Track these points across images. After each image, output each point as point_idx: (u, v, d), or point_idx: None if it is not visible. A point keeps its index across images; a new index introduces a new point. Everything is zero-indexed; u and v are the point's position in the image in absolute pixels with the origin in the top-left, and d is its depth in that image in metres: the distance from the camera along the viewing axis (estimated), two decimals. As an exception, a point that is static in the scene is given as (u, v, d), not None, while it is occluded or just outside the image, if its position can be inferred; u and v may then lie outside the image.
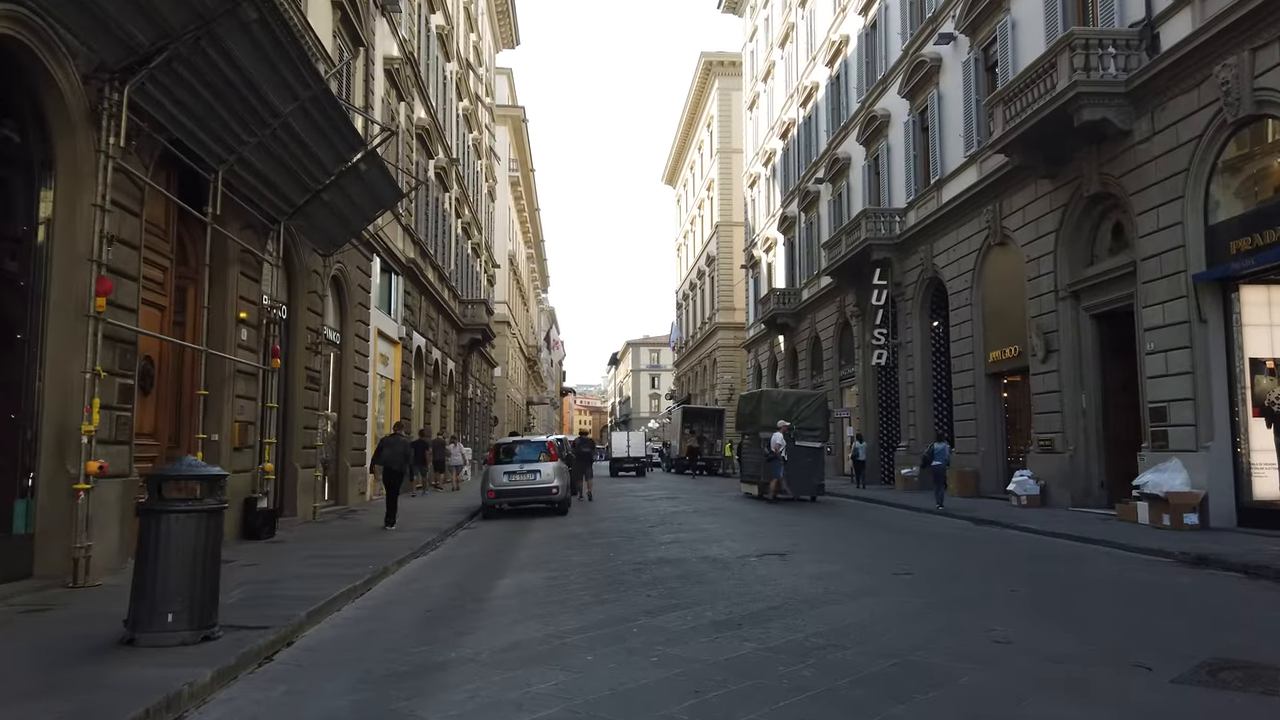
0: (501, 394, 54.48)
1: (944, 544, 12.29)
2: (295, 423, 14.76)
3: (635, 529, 14.05)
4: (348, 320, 18.12)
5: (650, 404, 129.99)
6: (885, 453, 28.47)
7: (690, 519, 15.85)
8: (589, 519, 16.59)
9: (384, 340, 21.66)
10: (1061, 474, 17.31)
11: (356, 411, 18.68)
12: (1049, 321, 17.73)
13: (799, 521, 15.69)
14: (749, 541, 12.01)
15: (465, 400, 36.18)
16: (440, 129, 29.08)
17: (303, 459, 14.91)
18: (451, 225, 32.18)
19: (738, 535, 12.91)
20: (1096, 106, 15.09)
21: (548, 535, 13.83)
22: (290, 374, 14.79)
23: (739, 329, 53.65)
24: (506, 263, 55.77)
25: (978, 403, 21.14)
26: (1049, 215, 17.77)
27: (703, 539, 12.25)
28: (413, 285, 24.66)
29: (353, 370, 18.34)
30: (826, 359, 33.52)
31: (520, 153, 62.46)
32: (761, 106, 45.33)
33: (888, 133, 27.03)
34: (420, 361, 26.50)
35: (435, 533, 13.46)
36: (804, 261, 36.63)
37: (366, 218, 15.36)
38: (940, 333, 24.89)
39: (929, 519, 16.66)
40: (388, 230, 21.45)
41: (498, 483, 17.08)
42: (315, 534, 13.21)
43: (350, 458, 18.37)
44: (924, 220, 23.84)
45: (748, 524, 15.00)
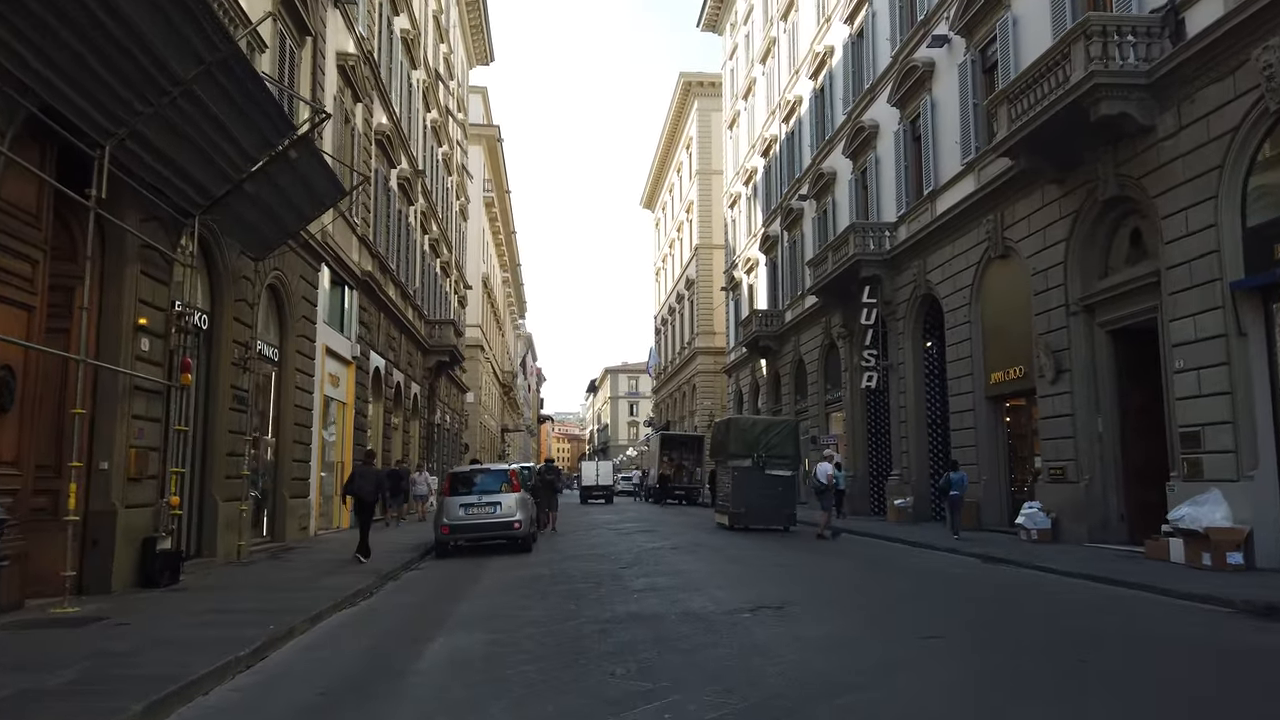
0: (474, 421, 52.49)
1: (963, 590, 10.63)
2: (216, 449, 12.91)
3: (605, 570, 12.27)
4: (288, 335, 16.32)
5: (629, 431, 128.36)
6: (875, 482, 26.85)
7: (668, 557, 14.09)
8: (555, 557, 14.80)
9: (334, 359, 19.84)
10: (1075, 506, 15.73)
11: (299, 437, 16.82)
12: (1059, 339, 16.24)
13: (791, 561, 13.98)
14: (737, 588, 10.28)
15: (432, 426, 34.27)
16: (405, 138, 27.46)
17: (225, 490, 13.06)
18: (417, 240, 30.47)
19: (723, 580, 11.17)
20: (1115, 100, 13.68)
21: (504, 579, 12.03)
22: (212, 393, 12.97)
23: (719, 353, 52.15)
24: (480, 285, 54.05)
25: (978, 428, 19.59)
26: (1058, 223, 16.34)
27: (683, 584, 10.49)
28: (370, 301, 22.89)
29: (294, 391, 16.51)
30: (811, 383, 31.97)
31: (495, 173, 60.96)
32: (742, 125, 44.15)
33: (876, 144, 25.69)
34: (379, 384, 24.66)
35: (373, 576, 11.62)
36: (787, 282, 35.19)
37: (304, 217, 13.64)
38: (934, 354, 23.42)
39: (932, 556, 15.00)
40: (340, 239, 19.72)
41: (453, 516, 15.26)
42: (231, 579, 11.35)
43: (291, 488, 16.49)
44: (916, 234, 22.42)
45: (733, 564, 13.27)
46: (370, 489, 14.10)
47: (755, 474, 20.78)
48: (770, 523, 20.83)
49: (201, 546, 12.73)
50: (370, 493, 14.08)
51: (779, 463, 20.94)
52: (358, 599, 10.18)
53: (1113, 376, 15.55)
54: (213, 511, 12.79)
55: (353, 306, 21.45)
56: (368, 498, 14.02)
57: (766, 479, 20.65)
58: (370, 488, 14.11)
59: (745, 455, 21.17)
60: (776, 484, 20.70)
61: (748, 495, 20.73)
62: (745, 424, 22.82)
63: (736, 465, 21.20)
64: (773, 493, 20.59)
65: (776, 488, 20.66)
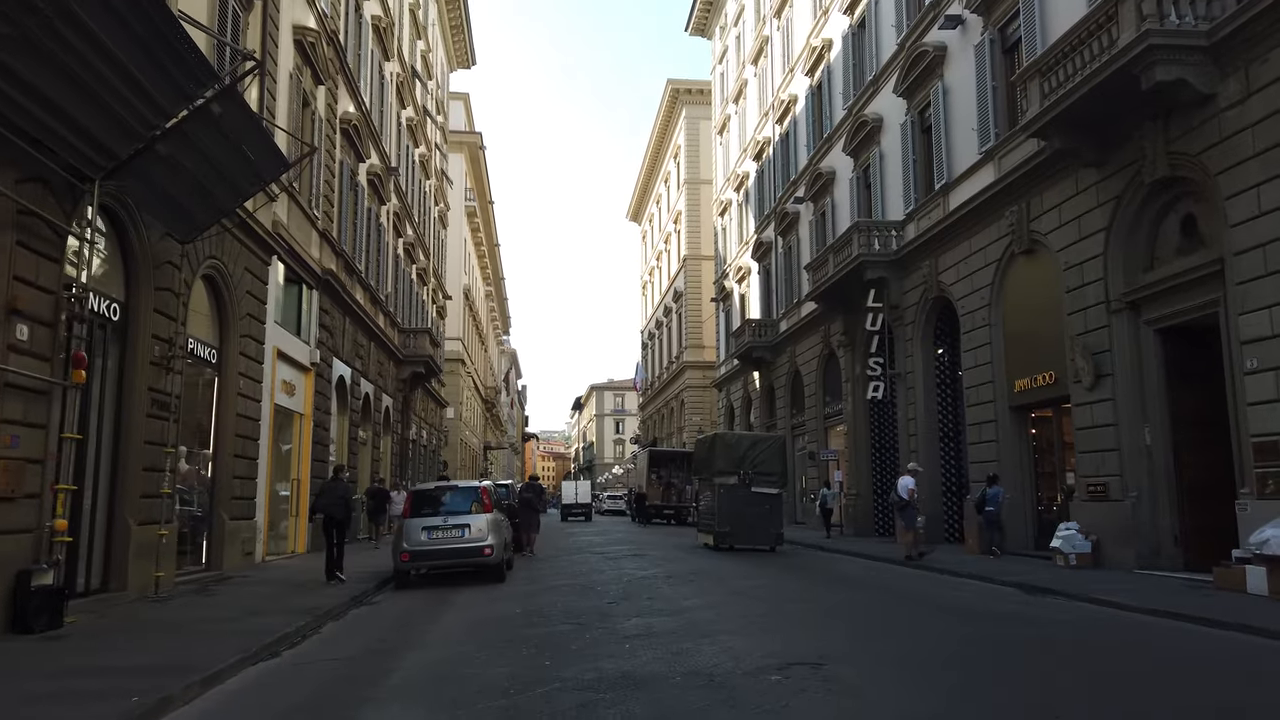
0: (454, 437, 50.36)
1: (1027, 631, 8.77)
2: (130, 463, 10.93)
3: (590, 608, 10.32)
4: (230, 334, 14.36)
5: (614, 449, 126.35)
6: (881, 501, 24.99)
7: (663, 589, 12.15)
8: (532, 588, 12.83)
9: (289, 365, 17.86)
10: (1120, 527, 13.93)
11: (242, 450, 14.83)
12: (1098, 340, 14.49)
13: (807, 594, 12.07)
14: (755, 633, 8.36)
15: (406, 442, 32.22)
16: (375, 132, 25.60)
17: (141, 512, 11.06)
18: (390, 243, 28.54)
19: (735, 620, 9.25)
20: (1171, 64, 12.00)
21: (468, 618, 10.06)
22: (125, 396, 11.00)
23: (709, 367, 50.35)
24: (461, 296, 52.07)
25: (1001, 441, 17.79)
26: (1096, 211, 14.63)
27: (686, 628, 8.55)
28: (333, 304, 20.94)
29: (236, 398, 14.53)
30: (809, 395, 30.16)
31: (478, 183, 59.14)
32: (733, 129, 42.58)
33: (880, 139, 24.04)
34: (344, 394, 22.66)
35: (308, 616, 9.64)
36: (782, 290, 33.45)
37: (240, 193, 11.73)
38: (946, 361, 21.68)
39: (964, 585, 13.13)
40: (297, 232, 17.79)
41: (414, 541, 13.25)
42: (133, 621, 9.35)
43: (231, 509, 14.47)
44: (927, 232, 20.71)
45: (742, 598, 11.35)
46: (339, 506, 13.49)
47: (741, 492, 20.09)
48: (756, 542, 20.10)
49: (109, 579, 10.73)
50: (340, 510, 13.46)
51: (766, 480, 20.33)
52: (281, 647, 8.21)
53: (1162, 380, 13.79)
54: (124, 537, 10.79)
55: (312, 308, 19.49)
56: (337, 515, 13.37)
57: (753, 497, 20.02)
58: (339, 504, 13.49)
59: (731, 472, 20.47)
60: (763, 502, 20.08)
61: (733, 514, 20.03)
62: (731, 440, 22.08)
63: (722, 483, 20.45)
64: (759, 511, 19.95)
65: (763, 506, 20.04)
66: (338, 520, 13.39)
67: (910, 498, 16.83)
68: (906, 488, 17.01)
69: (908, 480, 17.19)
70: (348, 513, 14.07)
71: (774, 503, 20.50)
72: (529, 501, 19.77)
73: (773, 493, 20.49)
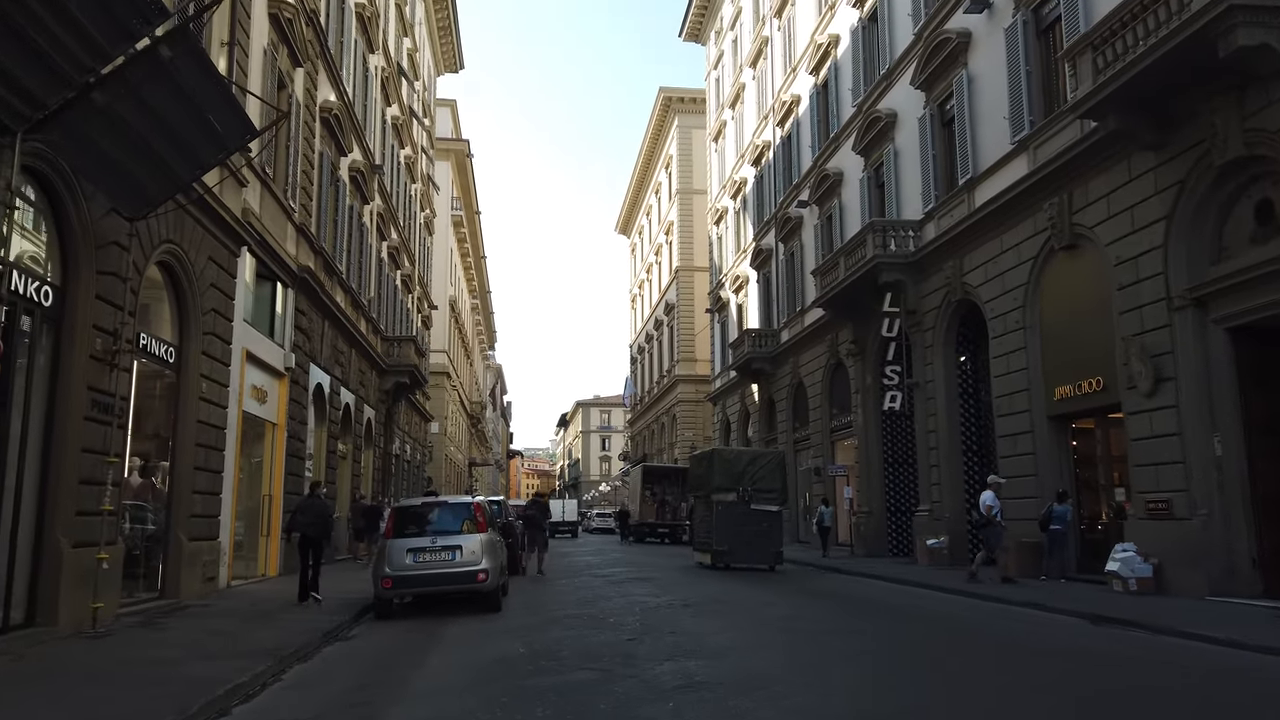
0: (439, 453, 48.56)
1: (1139, 678, 7.29)
2: (63, 474, 9.30)
3: (607, 644, 8.74)
4: (191, 331, 12.75)
5: (600, 466, 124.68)
6: (895, 519, 23.56)
7: (686, 621, 10.58)
8: (533, 620, 11.22)
9: (260, 369, 16.24)
10: (1187, 548, 12.50)
11: (204, 462, 13.18)
12: (1159, 341, 13.12)
13: (843, 625, 10.56)
14: (816, 684, 6.79)
15: (389, 457, 30.51)
16: (359, 125, 24.10)
17: (76, 532, 9.43)
18: (373, 245, 26.97)
19: (783, 663, 7.68)
20: (1255, 27, 10.71)
21: (462, 661, 8.44)
22: (59, 396, 9.39)
23: (702, 381, 48.91)
24: (447, 308, 50.47)
25: (1038, 454, 16.37)
26: (1154, 199, 13.30)
27: (732, 677, 6.92)
28: (311, 305, 19.34)
29: (198, 403, 12.90)
30: (814, 408, 28.71)
31: (465, 192, 57.67)
32: (729, 135, 41.35)
33: (894, 135, 22.76)
34: (322, 404, 21.01)
35: (269, 659, 8.02)
36: (784, 298, 32.07)
37: (199, 163, 10.15)
38: (969, 369, 20.31)
39: (1019, 616, 11.64)
40: (270, 223, 16.23)
41: (397, 565, 11.61)
42: (52, 666, 7.72)
43: (190, 528, 12.80)
44: (949, 231, 19.38)
45: (776, 631, 9.82)
46: (318, 524, 12.86)
47: (740, 509, 19.74)
48: (755, 561, 19.65)
49: (35, 612, 9.07)
50: (318, 528, 12.85)
51: (765, 497, 20.02)
52: (232, 702, 6.62)
53: (1234, 384, 12.41)
54: (54, 561, 9.15)
55: (287, 308, 17.89)
56: (314, 534, 12.76)
57: (752, 514, 19.67)
58: (318, 522, 12.87)
59: (729, 489, 20.08)
60: (762, 520, 19.71)
61: (732, 532, 19.63)
62: (729, 455, 21.70)
63: (720, 500, 20.03)
64: (758, 529, 19.59)
65: (762, 524, 19.67)
66: (314, 539, 12.73)
67: (989, 514, 15.15)
68: (986, 504, 15.30)
69: (989, 496, 15.39)
70: (326, 531, 13.30)
71: (773, 520, 19.99)
72: (534, 519, 18.30)
73: (772, 510, 20.01)
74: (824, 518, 24.62)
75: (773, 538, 19.85)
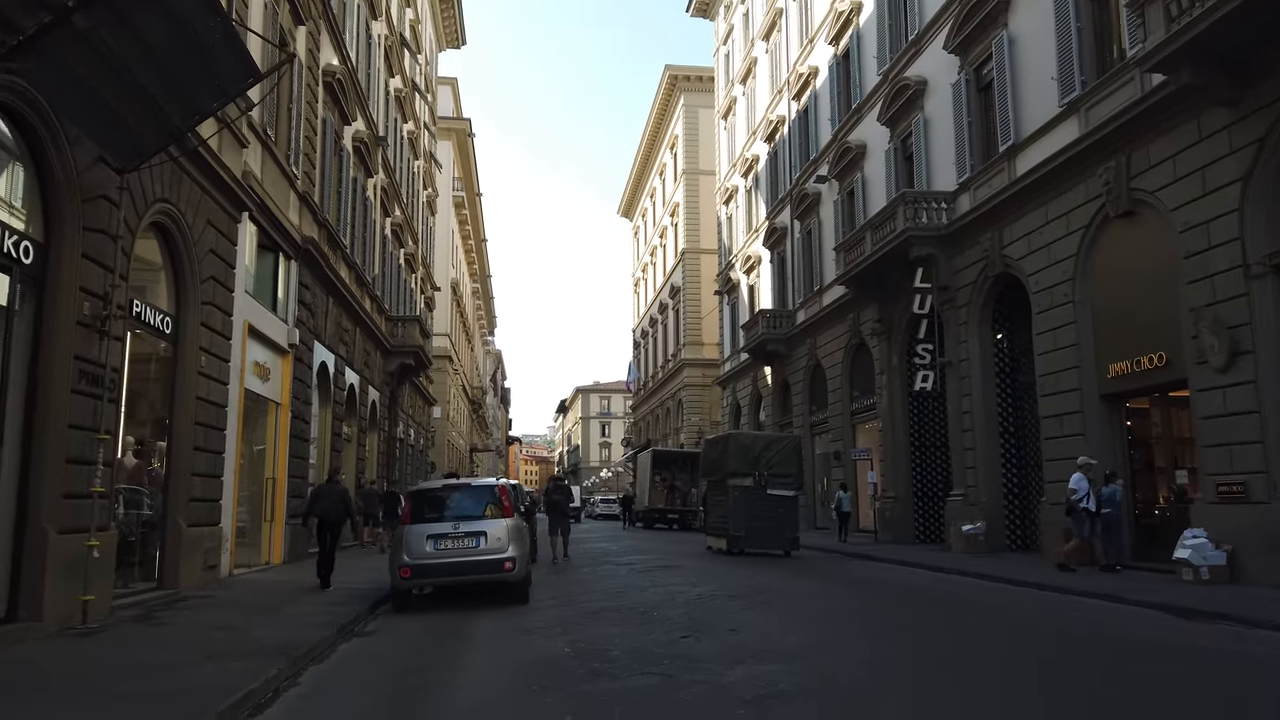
0: (441, 438, 47.61)
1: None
2: (47, 452, 8.33)
3: (659, 643, 7.73)
4: (189, 301, 11.75)
5: (600, 452, 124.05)
6: (923, 505, 22.67)
7: (739, 614, 9.62)
8: (567, 612, 10.27)
9: (262, 344, 15.25)
10: (1266, 535, 11.57)
11: (204, 442, 12.21)
12: (1235, 311, 12.15)
13: (903, 619, 9.65)
14: (916, 694, 5.88)
15: (394, 441, 29.55)
16: (362, 94, 23.02)
17: (63, 517, 8.46)
18: (376, 221, 25.92)
19: (862, 667, 6.68)
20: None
21: (500, 665, 7.42)
22: (42, 365, 8.40)
23: (709, 365, 47.94)
24: (449, 290, 49.43)
25: (1088, 435, 15.43)
26: (1227, 160, 12.31)
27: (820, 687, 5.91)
28: (314, 280, 18.32)
29: (197, 379, 11.91)
30: (833, 390, 27.77)
31: (466, 173, 56.50)
32: (739, 112, 40.24)
33: (924, 103, 21.73)
34: (326, 384, 20.02)
35: (282, 659, 7.07)
36: (800, 277, 31.07)
37: (197, 109, 9.14)
38: (1006, 347, 19.37)
39: (1091, 609, 10.71)
40: (272, 189, 15.21)
41: (417, 553, 10.64)
42: (30, 671, 6.78)
43: (190, 513, 11.84)
44: (987, 202, 18.38)
45: (837, 627, 8.90)
46: (336, 509, 12.77)
47: (756, 494, 19.58)
48: (770, 546, 19.52)
49: (17, 606, 8.11)
50: (336, 513, 12.79)
51: (781, 482, 19.86)
52: (241, 713, 5.66)
53: (1320, 359, 11.47)
54: (38, 550, 8.18)
55: (290, 281, 16.88)
56: (332, 519, 12.73)
57: (768, 499, 19.52)
58: (335, 508, 12.77)
59: (745, 474, 19.95)
60: (778, 505, 19.56)
61: (747, 517, 19.47)
62: (745, 440, 21.46)
63: (736, 484, 19.88)
64: (774, 514, 19.46)
65: (778, 509, 19.53)
66: (334, 525, 12.72)
67: (1072, 500, 13.95)
68: (1078, 488, 14.04)
69: (1079, 478, 14.11)
70: (345, 517, 13.25)
71: (789, 505, 19.88)
72: (558, 504, 17.47)
73: (788, 495, 19.89)
74: (842, 503, 24.23)
75: (789, 523, 19.70)
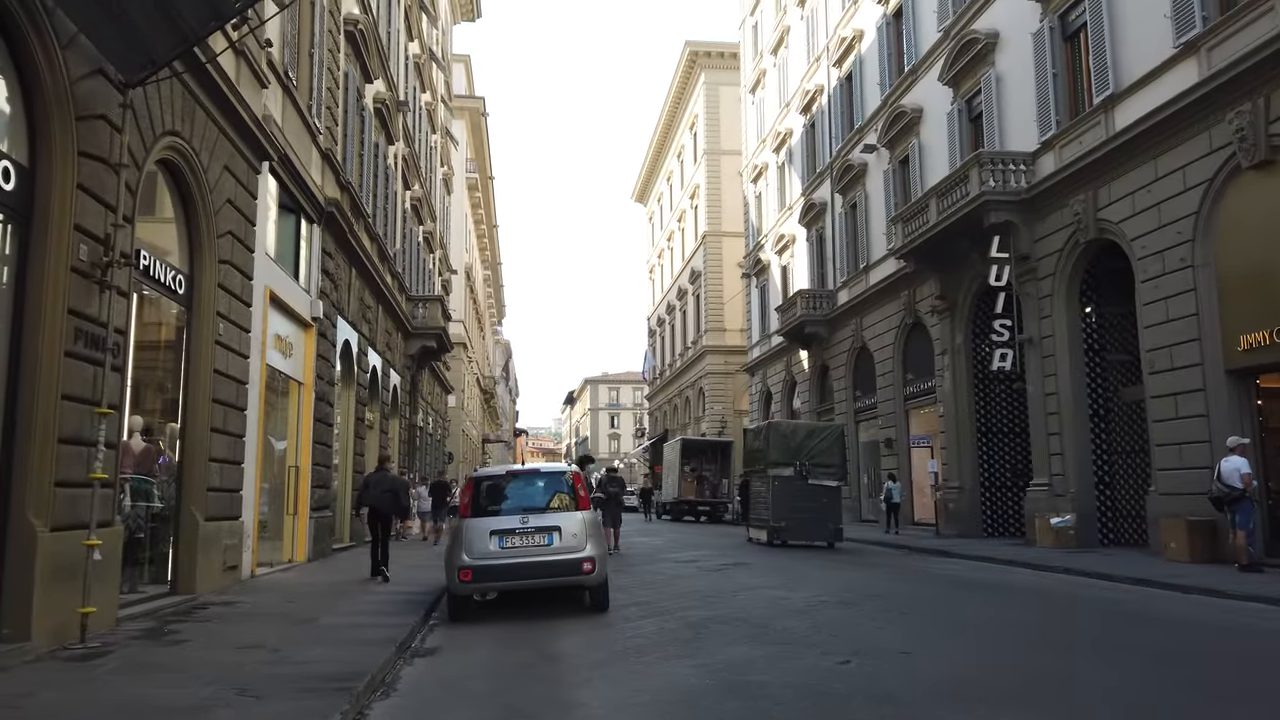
0: (455, 427, 45.98)
1: None
2: (34, 429, 6.67)
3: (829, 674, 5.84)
4: (205, 258, 10.07)
5: (609, 444, 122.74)
6: (991, 495, 20.97)
7: (870, 626, 7.95)
8: (664, 623, 8.50)
9: (284, 315, 13.58)
10: None
11: (222, 422, 10.54)
12: None
13: (1107, 638, 7.95)
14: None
15: (414, 428, 27.91)
16: (383, 51, 21.29)
17: (56, 511, 6.80)
18: (397, 192, 24.22)
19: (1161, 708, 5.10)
20: None
21: (626, 701, 5.54)
22: (29, 321, 6.73)
23: (733, 352, 46.29)
24: (463, 274, 47.72)
25: (1212, 416, 13.73)
26: None
27: None
28: (338, 248, 16.65)
29: (213, 349, 10.24)
30: (883, 373, 26.05)
31: (479, 154, 54.71)
32: (769, 84, 38.43)
33: (995, 58, 19.97)
34: (350, 365, 18.36)
35: (335, 690, 5.40)
36: (842, 255, 29.33)
37: (216, 11, 7.42)
38: (1094, 322, 17.67)
39: (1271, 616, 9.03)
40: (294, 140, 13.50)
41: (479, 552, 8.92)
42: (7, 714, 5.10)
43: (207, 505, 10.17)
44: (1077, 161, 16.64)
45: (1017, 643, 7.25)
46: (387, 499, 12.49)
47: (797, 484, 19.17)
48: (813, 538, 19.21)
49: (1, 620, 6.45)
50: (387, 503, 12.49)
51: (824, 472, 19.38)
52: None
53: None
54: (24, 551, 6.53)
55: (313, 247, 15.20)
56: (383, 509, 12.46)
57: (810, 490, 19.12)
58: (386, 498, 12.48)
59: (786, 464, 19.43)
60: (821, 495, 19.18)
61: (788, 507, 19.11)
62: (786, 429, 20.89)
63: (776, 475, 19.38)
64: (816, 505, 19.09)
65: (821, 499, 19.16)
66: (385, 514, 12.44)
67: (1245, 486, 12.13)
68: (1240, 472, 12.20)
69: (1236, 462, 12.30)
70: (396, 506, 12.80)
71: (832, 496, 19.47)
72: (615, 495, 15.98)
73: (831, 485, 19.44)
74: (891, 494, 23.09)
75: (832, 514, 19.28)
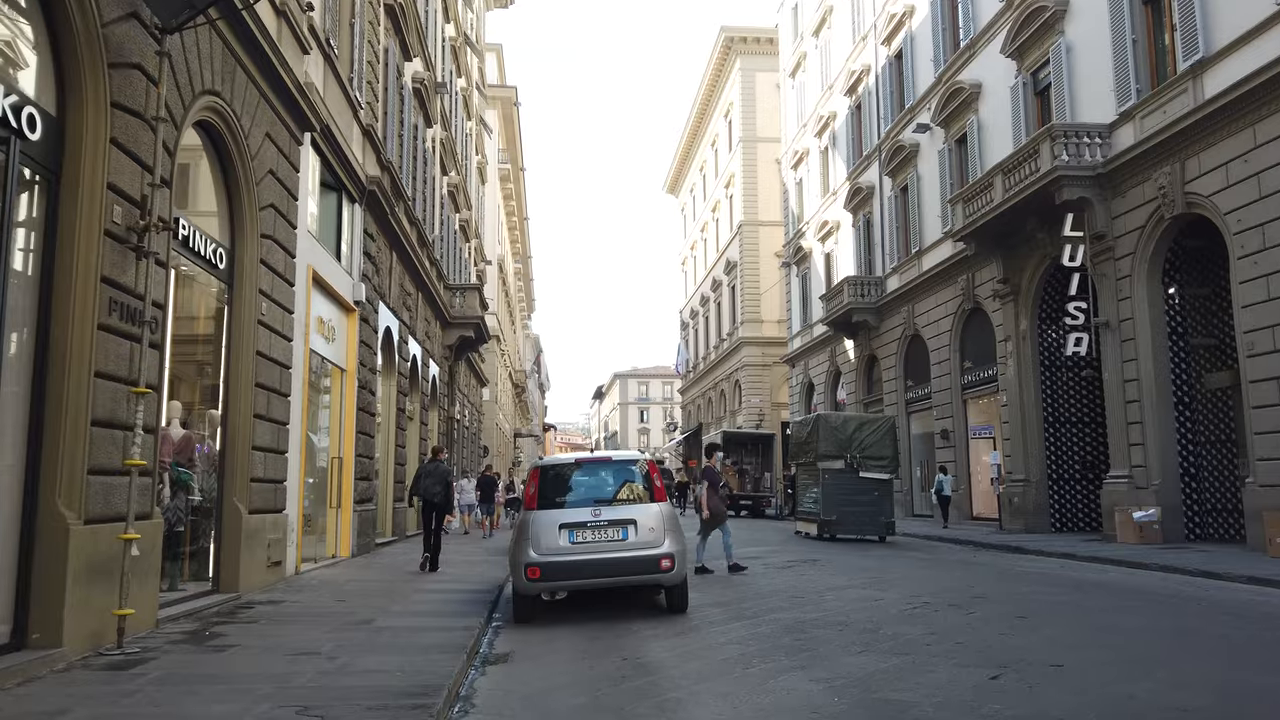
0: (489, 421, 45.42)
1: None
2: (65, 412, 5.97)
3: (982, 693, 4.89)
4: (246, 231, 9.37)
5: (639, 439, 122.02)
6: (1059, 489, 19.93)
7: (992, 632, 7.04)
8: (759, 627, 7.62)
9: (327, 298, 12.90)
10: None
11: (266, 409, 9.84)
12: None
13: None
14: None
15: (452, 421, 27.27)
16: (420, 28, 20.58)
17: (91, 502, 6.10)
18: (435, 176, 23.54)
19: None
20: None
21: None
22: (58, 289, 6.02)
23: (771, 344, 45.28)
24: (496, 266, 47.11)
25: (1323, 400, 12.67)
26: None
27: None
28: (379, 230, 15.97)
29: (256, 330, 9.54)
30: (937, 361, 25.01)
31: (511, 145, 54.07)
32: (810, 67, 37.36)
33: (1064, 26, 18.87)
34: (391, 353, 17.69)
35: (410, 709, 4.62)
36: (892, 240, 28.28)
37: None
38: (1177, 305, 16.59)
39: None
40: (336, 113, 12.80)
41: (548, 548, 8.11)
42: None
43: (251, 497, 9.48)
44: (1162, 132, 15.54)
45: (1116, 646, 6.34)
46: (439, 489, 12.56)
47: (847, 477, 18.97)
48: (863, 531, 18.94)
49: (28, 625, 5.76)
50: (439, 494, 12.55)
51: (875, 465, 19.11)
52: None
53: None
54: (54, 546, 5.83)
55: (355, 227, 14.51)
56: (435, 499, 12.51)
57: (860, 483, 18.87)
58: (438, 488, 12.56)
59: (836, 456, 19.29)
60: (871, 488, 18.86)
61: (838, 501, 18.84)
62: (836, 421, 20.54)
63: (826, 468, 19.21)
64: (867, 498, 18.79)
65: (871, 492, 18.84)
66: (439, 505, 12.48)
67: None
68: None
69: None
70: (449, 497, 12.84)
71: (884, 489, 19.07)
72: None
73: (883, 478, 19.09)
74: (942, 486, 22.58)
75: (883, 507, 18.89)
